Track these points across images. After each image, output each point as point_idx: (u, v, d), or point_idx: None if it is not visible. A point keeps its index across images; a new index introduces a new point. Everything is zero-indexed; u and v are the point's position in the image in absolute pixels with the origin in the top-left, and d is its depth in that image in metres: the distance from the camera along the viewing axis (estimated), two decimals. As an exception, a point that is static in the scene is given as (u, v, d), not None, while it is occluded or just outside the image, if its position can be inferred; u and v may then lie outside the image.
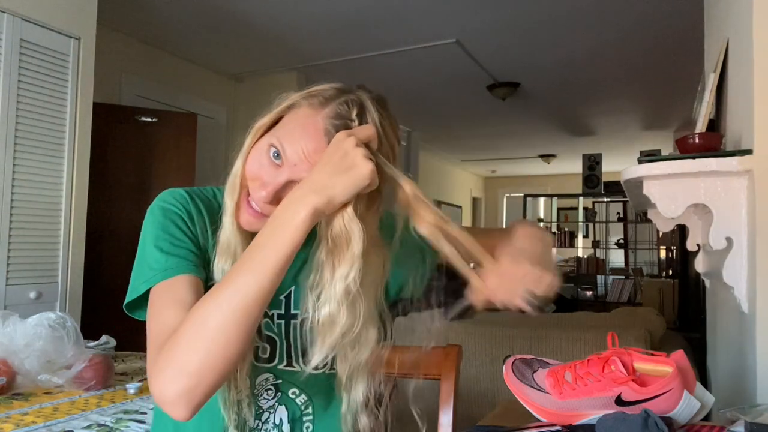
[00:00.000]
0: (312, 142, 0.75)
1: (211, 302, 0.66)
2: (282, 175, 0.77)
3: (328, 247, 0.75)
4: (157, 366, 0.65)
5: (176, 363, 0.64)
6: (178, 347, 0.64)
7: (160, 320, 0.71)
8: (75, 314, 2.41)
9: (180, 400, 0.63)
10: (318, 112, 0.77)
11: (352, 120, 0.75)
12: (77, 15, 2.52)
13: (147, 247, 0.79)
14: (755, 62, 1.19)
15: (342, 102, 0.77)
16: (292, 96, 0.82)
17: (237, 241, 0.79)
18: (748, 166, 1.17)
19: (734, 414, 0.83)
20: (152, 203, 0.83)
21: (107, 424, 1.12)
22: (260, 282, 0.66)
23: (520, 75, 4.49)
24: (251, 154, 0.80)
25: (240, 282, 0.66)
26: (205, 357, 0.63)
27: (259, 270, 0.66)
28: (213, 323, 0.64)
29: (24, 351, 1.36)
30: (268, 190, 0.77)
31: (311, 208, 0.67)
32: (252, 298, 0.65)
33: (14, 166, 2.27)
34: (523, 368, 0.90)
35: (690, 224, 1.66)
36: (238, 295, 0.65)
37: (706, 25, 2.14)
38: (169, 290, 0.74)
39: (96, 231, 2.78)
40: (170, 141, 3.48)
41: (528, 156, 8.23)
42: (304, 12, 3.33)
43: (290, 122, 0.79)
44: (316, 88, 0.80)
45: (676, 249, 6.30)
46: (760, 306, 1.16)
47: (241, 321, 0.65)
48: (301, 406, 0.90)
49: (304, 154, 0.75)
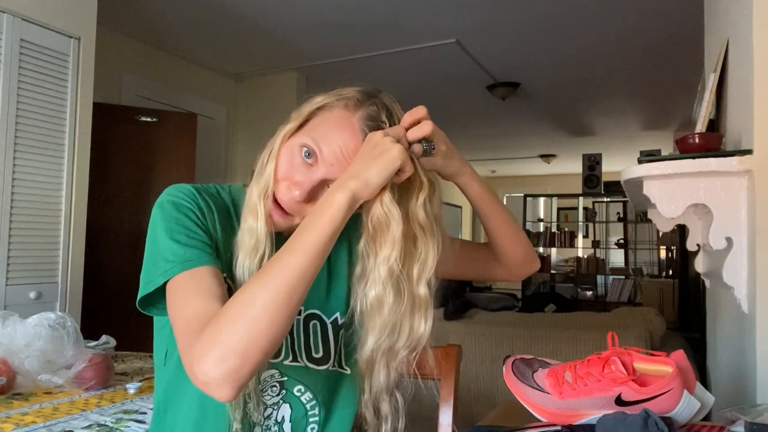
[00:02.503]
0: (351, 141, 0.79)
1: (257, 283, 0.68)
2: (317, 174, 0.79)
3: (369, 235, 0.79)
4: (201, 349, 0.65)
5: (223, 344, 0.64)
6: (224, 328, 0.65)
7: (189, 309, 0.71)
8: (75, 314, 2.41)
9: (226, 380, 0.64)
10: (353, 114, 0.81)
11: (383, 122, 0.80)
12: (77, 15, 2.52)
13: (161, 240, 0.79)
14: (755, 62, 1.19)
15: (372, 104, 0.81)
16: (320, 97, 0.84)
17: (266, 242, 0.80)
18: (748, 166, 1.17)
19: (734, 414, 0.83)
20: (159, 198, 0.83)
21: (107, 424, 1.12)
22: (303, 262, 0.68)
23: (520, 75, 4.49)
24: (281, 154, 0.82)
25: (284, 263, 0.68)
26: (251, 337, 0.65)
27: (303, 249, 0.69)
28: (259, 303, 0.66)
29: (24, 351, 1.36)
30: (302, 189, 0.79)
31: (349, 192, 0.71)
32: (296, 277, 0.68)
33: (14, 166, 2.27)
34: (523, 368, 0.90)
35: (690, 224, 1.66)
36: (282, 275, 0.67)
37: (706, 25, 2.14)
38: (193, 280, 0.74)
39: (96, 231, 2.78)
40: (170, 141, 3.48)
41: (528, 156, 8.23)
42: (305, 12, 3.33)
43: (324, 123, 0.81)
44: (344, 91, 0.84)
45: (676, 249, 6.30)
46: (760, 306, 1.16)
47: (286, 300, 0.67)
48: (306, 405, 0.90)
49: (343, 154, 0.79)
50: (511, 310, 4.88)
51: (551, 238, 7.55)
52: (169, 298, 0.75)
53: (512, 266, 1.01)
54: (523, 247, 1.00)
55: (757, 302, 1.16)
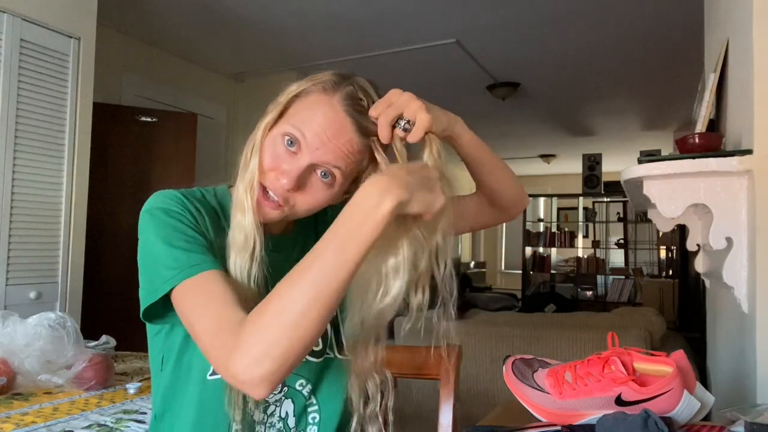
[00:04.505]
0: (333, 124, 0.78)
1: (296, 289, 0.67)
2: (302, 160, 0.79)
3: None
4: (239, 351, 0.66)
5: (261, 348, 0.65)
6: (263, 332, 0.66)
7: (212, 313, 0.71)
8: (75, 314, 2.41)
9: (263, 382, 0.66)
10: (332, 96, 0.80)
11: (361, 99, 0.80)
12: (77, 15, 2.52)
13: (158, 248, 0.77)
14: (755, 62, 1.19)
15: (348, 85, 0.81)
16: (294, 85, 0.84)
17: (255, 236, 0.80)
18: (748, 166, 1.17)
19: (734, 414, 0.83)
20: (146, 206, 0.82)
21: (107, 424, 1.12)
22: (345, 270, 0.67)
23: (520, 75, 4.49)
24: (264, 146, 0.81)
25: (324, 270, 0.67)
26: (289, 341, 0.66)
27: (344, 259, 0.67)
28: (298, 309, 0.66)
29: (24, 351, 1.36)
30: (290, 177, 0.78)
31: (397, 201, 0.67)
32: (336, 286, 0.67)
33: (14, 166, 2.27)
34: (523, 368, 0.90)
35: (690, 224, 1.66)
36: (322, 282, 0.66)
37: (706, 25, 2.14)
38: (206, 285, 0.74)
39: (96, 231, 2.78)
40: (170, 141, 3.48)
41: (528, 156, 8.22)
42: (305, 12, 3.33)
43: (304, 109, 0.81)
44: (318, 76, 0.83)
45: (676, 249, 6.30)
46: (760, 306, 1.16)
47: (324, 306, 0.67)
48: (307, 396, 0.91)
49: (327, 136, 0.78)
50: (511, 310, 4.89)
51: (551, 238, 7.55)
52: (180, 305, 0.75)
53: (507, 207, 1.01)
54: (517, 185, 1.00)
55: (757, 302, 1.16)
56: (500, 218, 1.04)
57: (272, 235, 0.88)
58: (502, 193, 0.99)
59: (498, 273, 10.50)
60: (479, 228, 1.08)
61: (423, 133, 0.78)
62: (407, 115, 0.78)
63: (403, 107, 0.79)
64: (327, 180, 0.81)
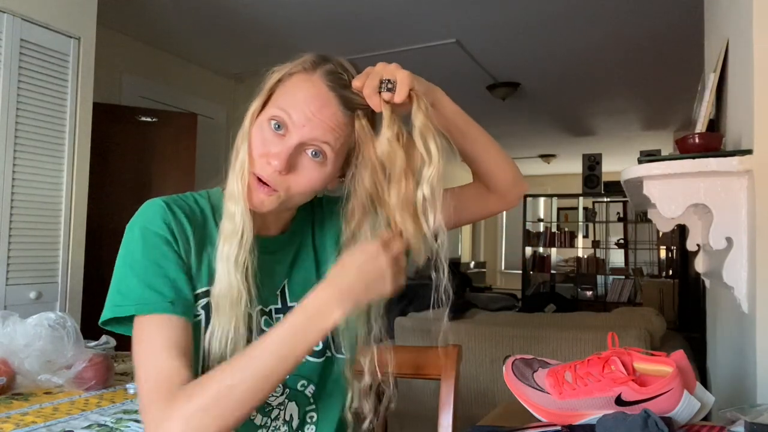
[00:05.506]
0: (316, 100, 0.79)
1: (238, 375, 0.71)
2: (291, 140, 0.79)
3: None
4: (171, 419, 0.69)
5: (193, 424, 0.69)
6: (199, 410, 0.69)
7: (154, 363, 0.74)
8: (75, 314, 2.41)
9: None
10: (312, 75, 0.82)
11: (342, 73, 0.82)
12: (77, 15, 2.52)
13: (123, 269, 0.79)
14: (755, 62, 1.19)
15: (328, 62, 0.83)
16: (276, 71, 0.85)
17: (247, 224, 0.80)
18: (748, 166, 1.17)
19: (734, 414, 0.83)
20: (133, 219, 0.82)
21: (107, 424, 1.12)
22: (287, 366, 0.73)
23: (520, 75, 4.49)
24: (252, 134, 0.82)
25: (268, 365, 0.72)
26: (223, 423, 0.70)
27: (288, 357, 0.72)
28: (237, 395, 0.70)
29: (24, 351, 1.36)
30: (281, 159, 0.78)
31: (345, 312, 0.74)
32: (276, 379, 0.73)
33: (14, 166, 2.27)
34: (523, 368, 0.90)
35: (690, 224, 1.66)
36: (264, 373, 0.71)
37: (706, 25, 2.14)
38: (160, 330, 0.76)
39: (96, 231, 2.77)
40: (170, 141, 3.48)
41: (528, 156, 8.22)
42: (304, 12, 3.33)
43: (287, 91, 0.82)
44: (299, 59, 0.85)
45: (676, 249, 6.30)
46: (760, 306, 1.16)
47: (262, 394, 0.72)
48: (309, 397, 0.91)
49: (312, 112, 0.79)
50: (511, 310, 4.88)
51: (551, 238, 7.55)
52: (136, 339, 0.78)
53: (504, 190, 0.98)
54: (511, 165, 0.97)
55: (757, 302, 1.16)
56: (500, 204, 1.01)
57: (267, 237, 0.88)
58: (498, 173, 0.96)
59: (498, 273, 10.50)
60: (480, 217, 1.06)
61: (407, 89, 0.78)
62: (387, 76, 0.80)
63: (382, 71, 0.80)
64: (318, 159, 0.80)
